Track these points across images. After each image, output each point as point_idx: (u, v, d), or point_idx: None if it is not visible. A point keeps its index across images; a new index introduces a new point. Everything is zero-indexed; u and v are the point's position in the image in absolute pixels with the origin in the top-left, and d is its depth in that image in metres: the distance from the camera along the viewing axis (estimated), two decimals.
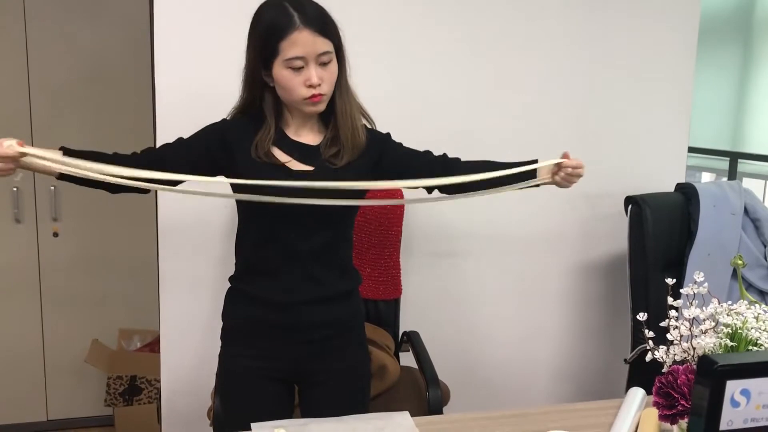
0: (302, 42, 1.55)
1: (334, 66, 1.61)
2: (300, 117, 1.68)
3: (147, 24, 2.89)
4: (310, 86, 1.58)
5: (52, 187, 3.21)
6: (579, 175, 1.74)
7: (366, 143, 1.70)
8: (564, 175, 1.73)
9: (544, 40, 2.60)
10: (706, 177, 3.88)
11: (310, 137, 1.70)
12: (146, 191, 1.67)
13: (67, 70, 3.18)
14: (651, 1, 2.69)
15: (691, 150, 3.03)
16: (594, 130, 2.71)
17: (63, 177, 1.62)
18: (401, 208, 2.42)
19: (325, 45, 1.57)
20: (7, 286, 3.23)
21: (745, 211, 2.60)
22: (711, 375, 0.91)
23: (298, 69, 1.57)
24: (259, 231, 1.71)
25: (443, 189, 1.79)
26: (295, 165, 1.66)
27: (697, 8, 2.76)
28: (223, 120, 1.73)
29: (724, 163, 3.54)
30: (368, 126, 1.75)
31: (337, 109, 1.66)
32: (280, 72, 1.58)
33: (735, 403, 0.93)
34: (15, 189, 3.18)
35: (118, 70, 3.22)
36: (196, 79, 2.28)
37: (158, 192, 2.31)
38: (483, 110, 2.58)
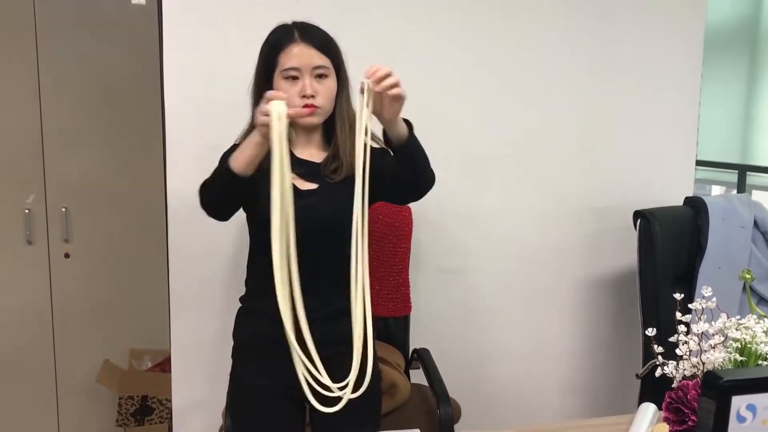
0: (298, 54, 1.63)
1: (330, 82, 1.66)
2: (304, 134, 1.71)
3: (156, 44, 2.92)
4: (304, 96, 1.62)
5: (64, 209, 3.23)
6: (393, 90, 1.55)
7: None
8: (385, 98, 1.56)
9: (548, 53, 2.61)
10: (715, 190, 3.87)
11: (314, 154, 1.72)
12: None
13: (78, 91, 3.21)
14: (656, 14, 2.70)
15: (700, 163, 3.03)
16: (601, 143, 2.71)
17: (240, 177, 1.57)
18: (410, 224, 2.43)
19: (320, 59, 1.65)
20: (19, 307, 3.24)
21: (755, 224, 2.59)
22: (716, 390, 0.91)
23: (294, 79, 1.64)
24: (269, 250, 1.72)
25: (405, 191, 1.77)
26: (301, 183, 1.68)
27: (703, 21, 2.77)
28: (235, 145, 1.75)
29: (732, 176, 3.53)
30: (375, 145, 1.76)
31: (337, 127, 1.70)
32: (278, 83, 1.65)
33: (741, 419, 0.93)
34: (27, 211, 3.20)
35: (128, 90, 3.24)
36: (205, 95, 2.30)
37: (169, 211, 2.33)
38: (486, 123, 2.58)
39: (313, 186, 1.68)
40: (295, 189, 1.67)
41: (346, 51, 1.75)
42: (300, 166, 1.69)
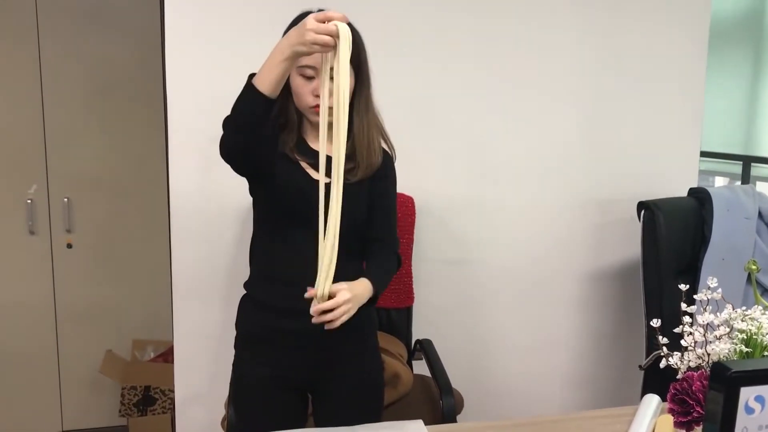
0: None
1: None
2: (317, 126, 1.69)
3: (158, 36, 2.91)
4: (317, 96, 1.60)
5: (66, 199, 3.23)
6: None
7: (380, 165, 1.72)
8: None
9: (554, 46, 2.59)
10: (719, 181, 3.85)
11: (327, 147, 1.70)
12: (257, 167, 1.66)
13: (79, 83, 3.21)
14: (661, 7, 2.68)
15: (704, 154, 3.02)
16: (606, 135, 2.70)
17: (266, 99, 1.51)
18: (413, 216, 2.42)
19: None
20: (21, 298, 3.25)
21: (760, 215, 2.58)
22: (725, 381, 0.90)
23: (309, 78, 1.61)
24: (273, 237, 1.72)
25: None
26: (314, 173, 1.67)
27: (708, 12, 2.75)
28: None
29: (737, 167, 3.52)
30: (388, 151, 1.76)
31: (355, 127, 1.68)
32: (294, 78, 1.63)
33: (749, 410, 0.92)
34: (29, 201, 3.20)
35: (130, 82, 3.24)
36: (207, 88, 2.29)
37: (171, 202, 2.33)
38: (492, 116, 2.58)
39: (325, 180, 1.67)
40: (310, 178, 1.67)
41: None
42: (313, 157, 1.67)
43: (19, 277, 3.25)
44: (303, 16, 1.64)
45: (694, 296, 1.39)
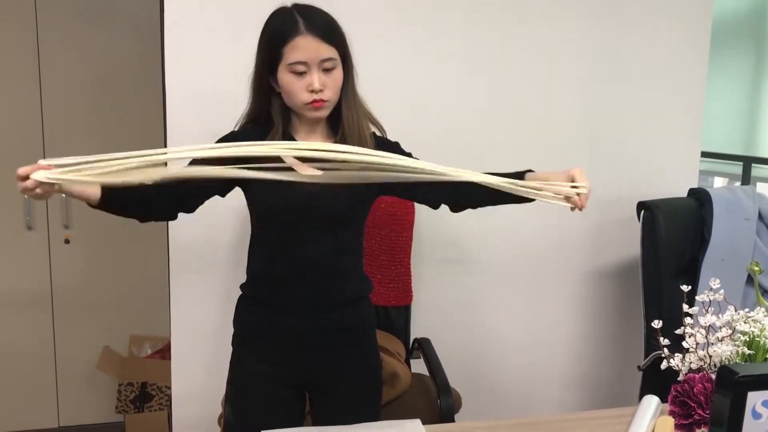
0: (305, 47, 1.56)
1: (338, 73, 1.61)
2: (308, 122, 1.68)
3: (157, 30, 2.90)
4: (312, 91, 1.58)
5: (64, 195, 3.21)
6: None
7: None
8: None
9: (555, 45, 2.58)
10: (719, 182, 3.85)
11: (315, 139, 1.69)
12: (173, 217, 1.76)
13: (78, 76, 3.19)
14: (663, 7, 2.67)
15: (704, 155, 3.01)
16: (606, 135, 2.69)
17: (103, 205, 1.68)
18: (412, 214, 2.41)
19: (328, 51, 1.58)
20: (18, 293, 3.24)
21: (760, 216, 2.58)
22: (732, 386, 0.89)
23: (301, 74, 1.58)
24: (270, 237, 1.71)
25: (452, 205, 1.80)
26: (302, 168, 1.66)
27: (709, 13, 2.75)
28: (231, 132, 1.73)
29: (737, 168, 3.52)
30: (378, 134, 1.75)
31: (344, 117, 1.67)
32: (284, 76, 1.60)
33: (756, 415, 0.91)
34: (27, 196, 3.18)
35: (128, 76, 3.23)
36: (206, 84, 2.28)
37: None
38: (490, 113, 2.57)
39: (316, 172, 1.65)
40: (296, 173, 1.65)
41: (352, 38, 1.69)
42: None
43: (17, 272, 3.24)
44: (278, 17, 1.62)
45: (696, 297, 1.38)
